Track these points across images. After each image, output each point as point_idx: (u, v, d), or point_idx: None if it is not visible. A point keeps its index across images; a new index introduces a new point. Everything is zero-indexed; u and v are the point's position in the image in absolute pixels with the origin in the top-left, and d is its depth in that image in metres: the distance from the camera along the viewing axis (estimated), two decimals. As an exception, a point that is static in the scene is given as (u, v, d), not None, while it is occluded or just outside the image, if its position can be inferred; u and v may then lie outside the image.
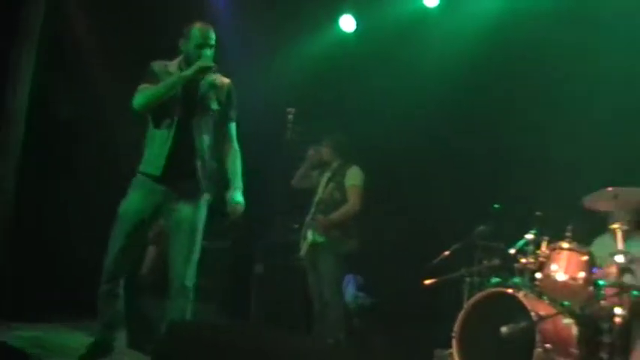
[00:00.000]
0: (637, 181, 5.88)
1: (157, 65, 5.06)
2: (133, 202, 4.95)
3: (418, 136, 7.94)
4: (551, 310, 5.68)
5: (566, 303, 5.84)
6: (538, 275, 5.82)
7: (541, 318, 5.45)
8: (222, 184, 5.13)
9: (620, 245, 5.71)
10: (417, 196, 7.80)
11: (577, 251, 5.78)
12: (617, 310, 5.49)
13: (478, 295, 5.83)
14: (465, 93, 7.68)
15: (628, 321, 5.53)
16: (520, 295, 5.62)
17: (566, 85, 7.18)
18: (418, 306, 7.11)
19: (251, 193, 6.73)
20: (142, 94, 4.91)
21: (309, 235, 6.72)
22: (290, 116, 6.21)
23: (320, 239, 6.65)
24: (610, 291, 5.72)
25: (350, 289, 7.64)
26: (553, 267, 5.75)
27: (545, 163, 7.14)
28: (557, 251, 5.82)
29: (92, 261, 5.05)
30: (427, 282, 6.40)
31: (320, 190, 6.84)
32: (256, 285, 7.61)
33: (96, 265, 4.93)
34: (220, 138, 5.16)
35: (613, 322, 5.48)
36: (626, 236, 6.14)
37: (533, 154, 7.28)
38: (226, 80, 5.22)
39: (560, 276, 5.71)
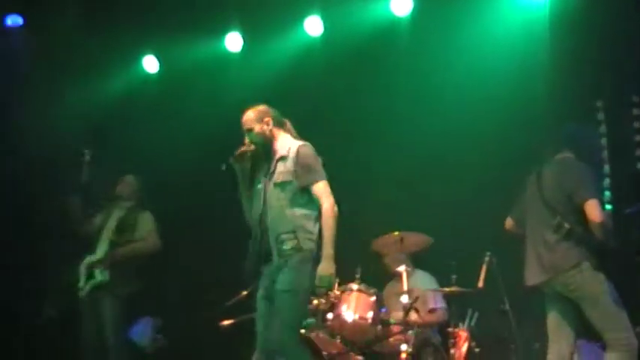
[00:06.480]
0: (419, 226, 6.32)
1: None
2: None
3: (218, 176, 7.99)
4: (343, 349, 5.91)
5: (356, 341, 6.08)
6: (329, 315, 6.02)
7: (332, 357, 5.67)
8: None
9: (405, 286, 6.08)
10: (213, 236, 7.83)
11: (365, 292, 6.06)
12: (403, 347, 5.86)
13: (273, 336, 5.95)
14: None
15: (413, 356, 5.89)
16: (312, 335, 5.83)
17: (356, 133, 7.57)
18: (215, 347, 7.12)
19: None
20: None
21: (97, 275, 6.59)
22: (87, 157, 6.11)
23: (103, 279, 6.55)
24: (396, 329, 6.08)
25: (147, 332, 7.53)
26: (343, 307, 5.99)
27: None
28: (347, 292, 6.06)
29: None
30: (224, 323, 6.44)
31: (110, 229, 6.75)
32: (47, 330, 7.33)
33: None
34: None
35: (399, 358, 5.84)
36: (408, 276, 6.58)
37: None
38: None
39: (350, 316, 5.95)
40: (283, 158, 5.01)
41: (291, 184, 4.94)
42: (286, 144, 5.07)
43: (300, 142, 5.08)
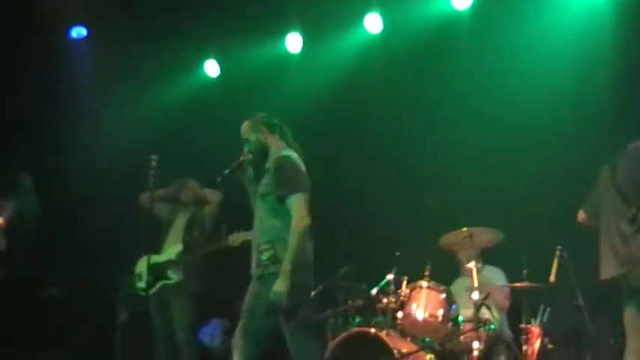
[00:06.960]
0: (488, 221, 6.23)
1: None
2: None
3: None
4: (413, 347, 5.86)
5: (426, 339, 6.05)
6: (399, 314, 5.99)
7: (403, 355, 5.63)
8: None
9: (475, 282, 6.00)
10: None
11: (435, 289, 6.01)
12: (475, 344, 5.76)
13: (342, 336, 5.95)
14: (323, 136, 7.80)
15: (485, 353, 5.81)
16: (383, 334, 5.79)
17: (420, 129, 7.50)
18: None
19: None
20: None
21: (171, 275, 6.66)
22: (154, 163, 6.18)
23: (178, 279, 6.62)
24: (468, 326, 6.00)
25: (217, 334, 7.59)
26: (413, 306, 5.95)
27: (403, 206, 7.40)
28: (416, 290, 6.02)
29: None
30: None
31: (180, 231, 6.83)
32: (120, 333, 7.42)
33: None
34: None
35: (471, 356, 5.75)
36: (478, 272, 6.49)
37: (391, 196, 7.52)
38: None
39: (420, 314, 5.92)
40: (268, 170, 5.03)
41: (270, 196, 4.95)
42: (274, 154, 5.06)
43: (282, 153, 5.05)
